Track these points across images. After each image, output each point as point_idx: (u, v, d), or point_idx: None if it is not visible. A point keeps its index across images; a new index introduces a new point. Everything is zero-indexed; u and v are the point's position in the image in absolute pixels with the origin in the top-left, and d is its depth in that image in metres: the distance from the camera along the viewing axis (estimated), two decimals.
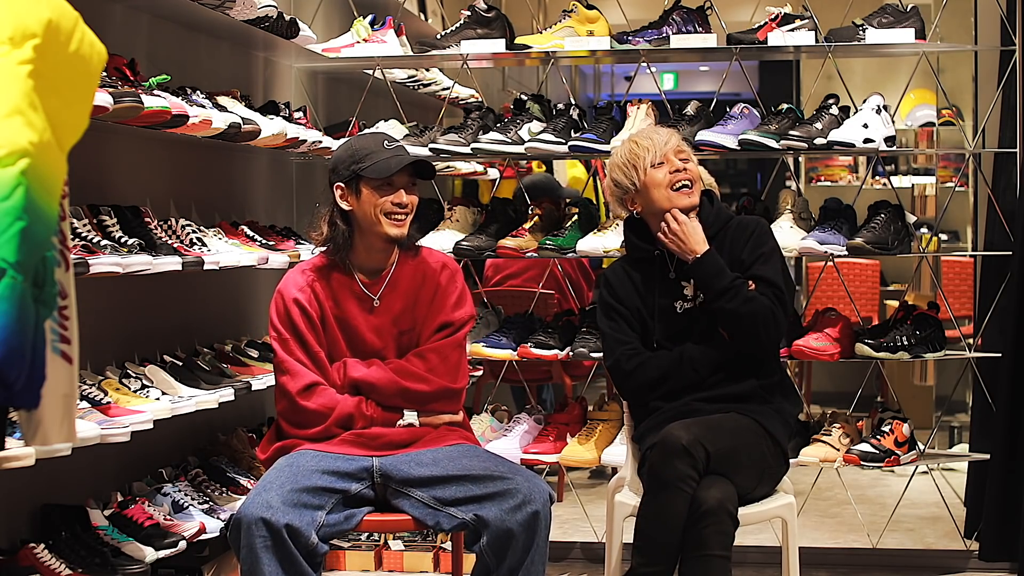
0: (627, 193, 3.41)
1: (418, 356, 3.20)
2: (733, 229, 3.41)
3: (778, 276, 3.34)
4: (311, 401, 3.13)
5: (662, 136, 3.41)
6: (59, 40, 1.82)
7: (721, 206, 3.49)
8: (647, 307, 3.39)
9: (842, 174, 8.70)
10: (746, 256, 3.36)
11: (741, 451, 3.15)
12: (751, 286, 3.30)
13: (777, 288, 3.31)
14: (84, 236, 3.18)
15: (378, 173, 3.12)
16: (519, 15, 5.89)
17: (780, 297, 3.30)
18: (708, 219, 3.39)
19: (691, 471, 3.03)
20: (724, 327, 3.31)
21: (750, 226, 3.42)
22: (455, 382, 3.22)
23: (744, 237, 3.39)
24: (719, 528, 2.98)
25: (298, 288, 3.19)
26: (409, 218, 3.19)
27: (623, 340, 3.37)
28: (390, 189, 3.14)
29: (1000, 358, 4.27)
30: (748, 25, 4.41)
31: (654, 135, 3.42)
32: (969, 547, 4.41)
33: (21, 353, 1.68)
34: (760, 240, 3.38)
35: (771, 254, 3.37)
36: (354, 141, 3.24)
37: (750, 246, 3.37)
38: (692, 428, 3.10)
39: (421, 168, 3.20)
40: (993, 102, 4.42)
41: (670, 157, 3.36)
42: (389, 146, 3.17)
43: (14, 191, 1.67)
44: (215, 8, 3.70)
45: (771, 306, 3.27)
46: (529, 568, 2.95)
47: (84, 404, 3.12)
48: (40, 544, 3.06)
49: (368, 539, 4.43)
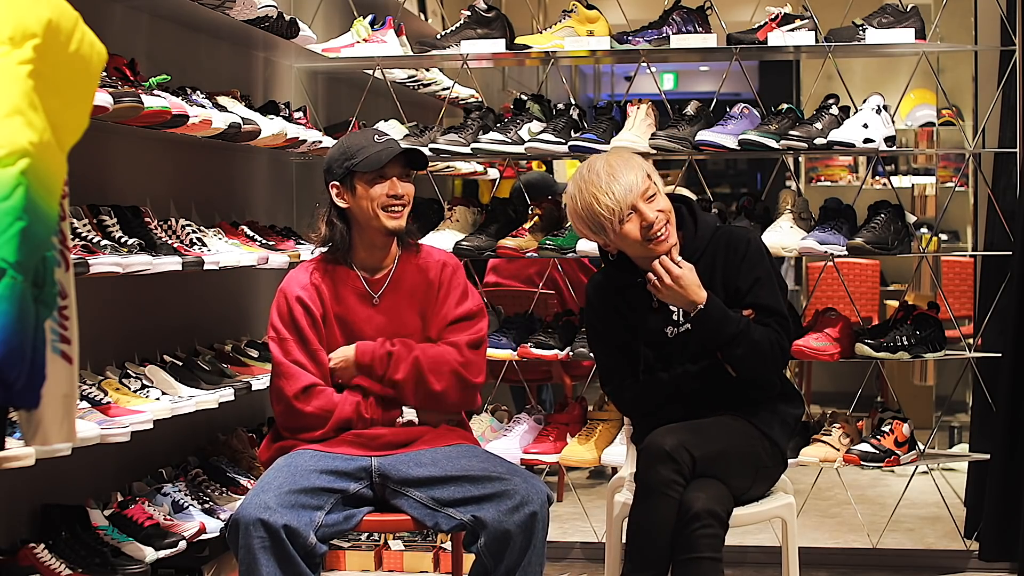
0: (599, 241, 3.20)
1: (453, 345, 3.21)
2: (722, 246, 3.21)
3: (779, 301, 3.18)
4: (309, 404, 3.13)
5: (622, 186, 3.06)
6: (59, 40, 1.82)
7: (702, 216, 3.26)
8: (636, 333, 3.25)
9: (842, 174, 8.70)
10: (742, 284, 3.18)
11: (731, 453, 3.10)
12: (750, 316, 3.16)
13: (779, 316, 3.16)
14: (84, 236, 3.18)
15: (369, 166, 3.13)
16: (519, 15, 5.89)
17: (783, 325, 3.16)
18: (690, 239, 3.20)
19: (675, 476, 2.99)
20: (731, 366, 3.18)
21: (740, 246, 3.20)
22: (475, 377, 3.22)
23: (736, 260, 3.19)
24: (707, 531, 2.95)
25: (300, 286, 3.20)
26: (406, 210, 3.19)
27: (616, 369, 3.28)
28: (383, 181, 3.15)
29: (1000, 358, 4.27)
30: (748, 25, 4.41)
31: (614, 187, 3.06)
32: (969, 547, 4.40)
33: (21, 353, 1.68)
34: (753, 262, 3.19)
35: (768, 277, 3.19)
36: (345, 139, 3.25)
37: (744, 270, 3.18)
38: (676, 433, 3.06)
39: (413, 158, 3.21)
40: (993, 102, 4.42)
41: (639, 206, 3.07)
42: (379, 139, 3.18)
43: (14, 191, 1.67)
44: (215, 8, 3.70)
45: (777, 339, 3.13)
46: (527, 569, 2.96)
47: (84, 404, 3.12)
48: (40, 544, 3.06)
49: (368, 539, 4.43)
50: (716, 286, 3.18)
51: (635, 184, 3.07)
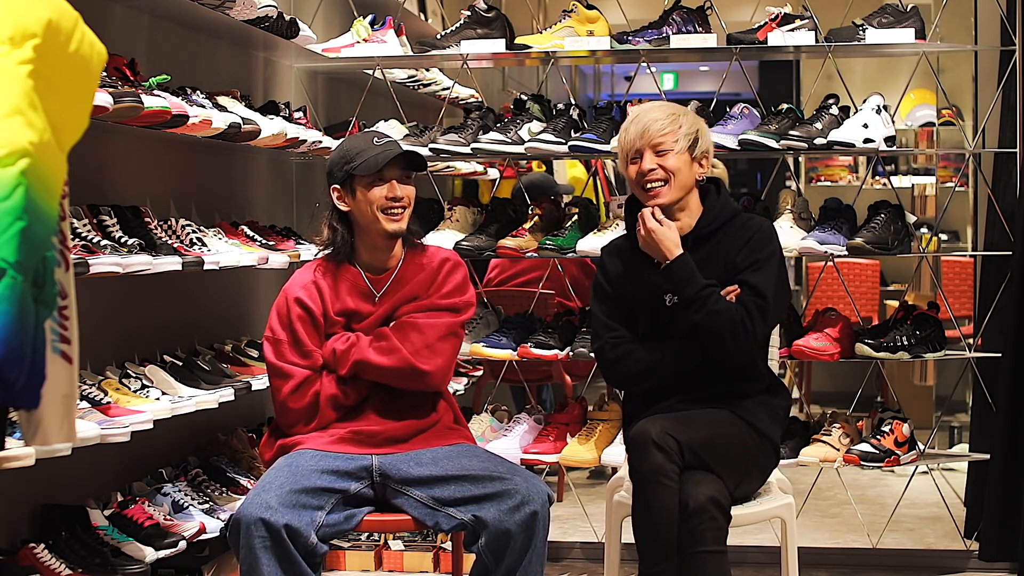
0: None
1: (397, 328, 3.17)
2: (737, 227, 3.27)
3: (767, 285, 3.18)
4: (304, 399, 3.14)
5: (638, 127, 3.23)
6: (59, 40, 1.82)
7: (728, 200, 3.33)
8: (637, 295, 3.30)
9: (842, 174, 8.70)
10: (740, 260, 3.22)
11: (718, 441, 3.10)
12: (734, 292, 3.18)
13: (761, 298, 3.16)
14: (84, 236, 3.18)
15: (368, 169, 3.13)
16: (519, 15, 5.89)
17: (761, 307, 3.15)
18: (712, 213, 3.27)
19: (666, 463, 2.99)
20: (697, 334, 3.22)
21: (752, 228, 3.27)
22: (423, 363, 3.14)
23: (743, 239, 3.24)
24: (710, 524, 2.95)
25: (301, 285, 3.20)
26: (406, 212, 3.18)
27: (610, 326, 3.31)
28: (382, 183, 3.15)
29: (1000, 358, 4.27)
30: (748, 25, 4.41)
31: (632, 125, 3.25)
32: (969, 547, 4.41)
33: (21, 353, 1.68)
34: (759, 245, 3.24)
35: (767, 260, 3.22)
36: (345, 142, 3.26)
37: (747, 250, 3.23)
38: (659, 421, 3.07)
39: (413, 160, 3.21)
40: (993, 102, 4.42)
41: (644, 153, 3.22)
42: (379, 142, 3.18)
43: (14, 191, 1.67)
44: (215, 8, 3.70)
45: (741, 318, 3.13)
46: (527, 568, 2.96)
47: (84, 404, 3.12)
48: (40, 544, 3.05)
49: (368, 539, 4.43)
50: (718, 262, 3.24)
51: (651, 131, 3.22)
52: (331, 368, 3.16)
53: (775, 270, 3.23)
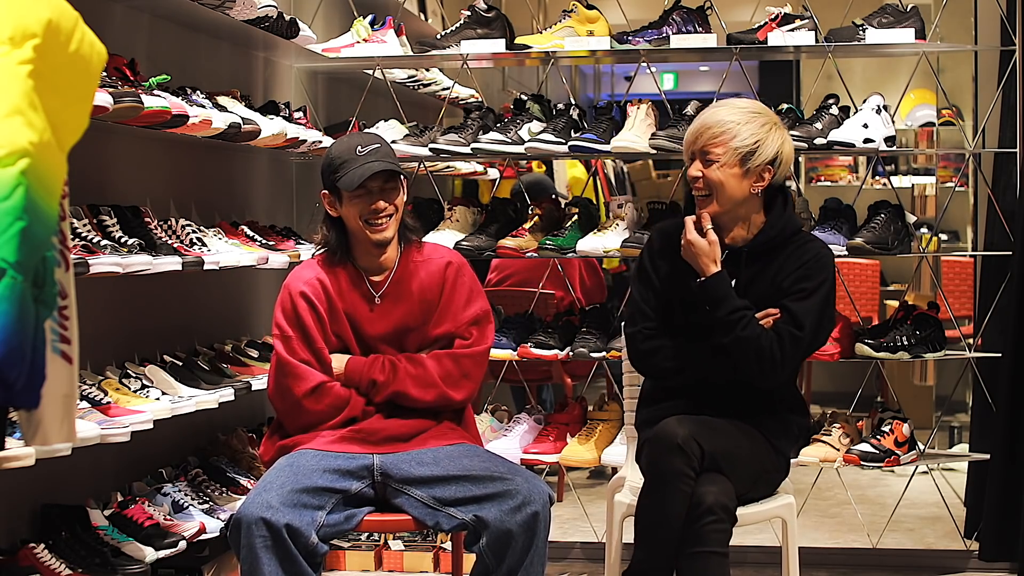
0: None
1: (434, 359, 3.20)
2: (793, 248, 3.18)
3: (808, 316, 3.10)
4: (320, 403, 3.13)
5: (697, 124, 3.15)
6: (59, 40, 1.82)
7: (791, 216, 3.21)
8: (675, 282, 3.23)
9: (842, 174, 8.70)
10: (788, 284, 3.14)
11: (736, 453, 3.10)
12: (774, 316, 3.12)
13: (799, 328, 3.10)
14: (84, 236, 3.18)
15: (347, 186, 3.11)
16: (519, 15, 5.89)
17: (796, 338, 3.10)
18: (772, 229, 3.17)
19: (687, 468, 2.99)
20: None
21: (808, 253, 3.18)
22: (457, 393, 3.19)
23: (797, 263, 3.16)
24: (717, 525, 2.96)
25: (304, 282, 3.20)
26: (392, 220, 3.16)
27: (646, 315, 3.26)
28: (366, 196, 3.13)
29: (1000, 358, 4.27)
30: (748, 25, 4.41)
31: (695, 122, 3.16)
32: (969, 547, 4.40)
33: (21, 353, 1.68)
34: (810, 272, 3.15)
35: (815, 290, 3.13)
36: (332, 148, 3.22)
37: (797, 275, 3.15)
38: (687, 424, 3.05)
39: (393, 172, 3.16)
40: (993, 102, 4.42)
41: (696, 156, 3.15)
42: (361, 152, 3.13)
43: (14, 191, 1.67)
44: (215, 8, 3.70)
45: (769, 345, 3.08)
46: (528, 569, 2.96)
47: (84, 404, 3.12)
48: (40, 544, 3.06)
49: (368, 539, 4.43)
50: (767, 281, 3.17)
51: (703, 137, 3.13)
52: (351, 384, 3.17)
53: (820, 301, 3.16)
